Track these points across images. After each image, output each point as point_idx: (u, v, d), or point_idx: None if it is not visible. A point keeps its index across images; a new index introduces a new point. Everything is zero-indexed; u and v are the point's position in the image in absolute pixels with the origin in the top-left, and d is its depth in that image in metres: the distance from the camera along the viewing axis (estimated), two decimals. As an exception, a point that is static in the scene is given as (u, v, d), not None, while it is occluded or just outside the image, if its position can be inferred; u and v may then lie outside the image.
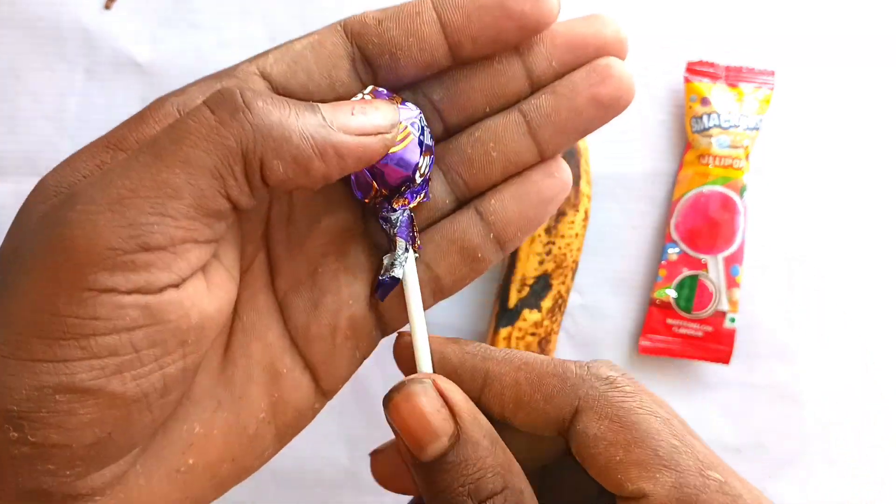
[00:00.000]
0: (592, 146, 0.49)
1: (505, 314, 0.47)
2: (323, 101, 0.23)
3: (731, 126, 0.48)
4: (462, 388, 0.23)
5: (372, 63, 0.24)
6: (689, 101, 0.49)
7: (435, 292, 0.27)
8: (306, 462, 0.50)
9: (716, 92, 0.49)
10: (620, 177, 0.50)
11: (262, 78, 0.23)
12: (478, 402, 0.24)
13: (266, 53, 0.24)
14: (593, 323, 0.50)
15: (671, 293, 0.49)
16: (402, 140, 0.24)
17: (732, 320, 0.48)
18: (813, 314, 0.49)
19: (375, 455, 0.27)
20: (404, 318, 0.26)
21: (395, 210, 0.25)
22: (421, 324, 0.25)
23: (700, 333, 0.49)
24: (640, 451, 0.22)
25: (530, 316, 0.47)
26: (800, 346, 0.49)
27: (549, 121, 0.25)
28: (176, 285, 0.21)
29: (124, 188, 0.19)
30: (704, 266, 0.48)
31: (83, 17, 0.49)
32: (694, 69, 0.49)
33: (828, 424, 0.49)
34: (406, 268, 0.25)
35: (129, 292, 0.20)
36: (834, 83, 0.50)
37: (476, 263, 0.26)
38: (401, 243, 0.25)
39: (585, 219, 0.48)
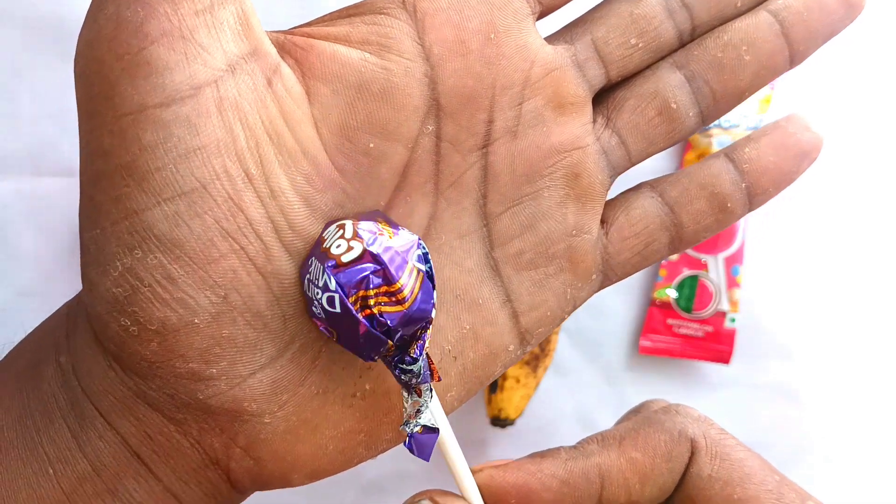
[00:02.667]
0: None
1: (505, 314, 0.47)
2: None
3: (731, 126, 0.48)
4: (579, 496, 0.22)
5: None
6: (689, 101, 0.49)
7: (673, 240, 0.25)
8: (306, 461, 0.50)
9: (716, 92, 0.49)
10: (620, 177, 0.50)
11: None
12: (600, 500, 0.23)
13: None
14: (593, 323, 0.50)
15: (671, 293, 0.49)
16: (414, 287, 0.20)
17: (733, 320, 0.48)
18: (813, 314, 0.49)
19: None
20: (638, 264, 0.25)
21: (415, 360, 0.20)
22: (464, 465, 0.23)
23: (700, 333, 0.49)
24: (753, 488, 0.22)
25: (530, 315, 0.47)
26: (800, 346, 0.49)
27: (801, 19, 0.24)
28: None
29: None
30: (705, 266, 0.48)
31: (84, 17, 0.50)
32: (694, 69, 0.49)
33: (828, 424, 0.49)
34: (432, 407, 0.21)
35: None
36: (834, 83, 0.50)
37: (723, 214, 0.25)
38: (426, 389, 0.21)
39: (586, 219, 0.48)
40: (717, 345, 0.48)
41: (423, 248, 0.21)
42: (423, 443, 0.21)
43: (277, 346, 0.21)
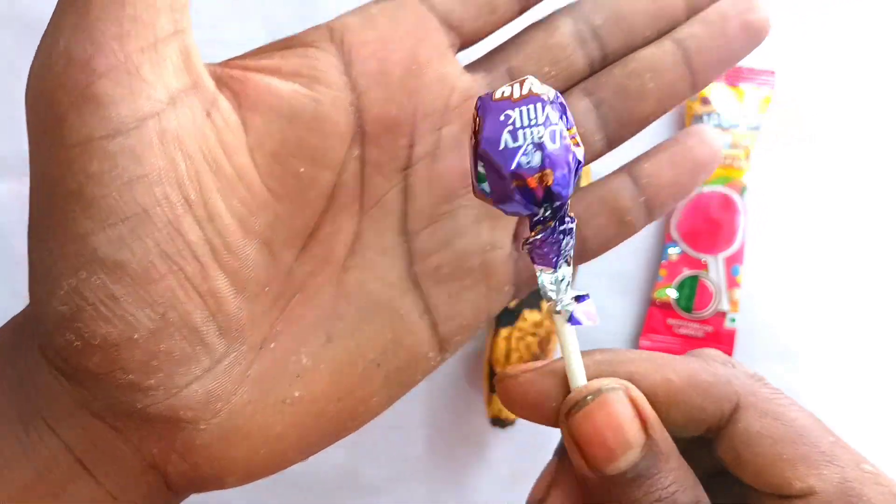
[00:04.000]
0: (592, 146, 0.49)
1: (505, 314, 0.47)
2: (478, 30, 0.24)
3: (731, 126, 0.48)
4: None
5: None
6: (689, 100, 0.49)
7: (580, 254, 0.26)
8: (306, 462, 0.50)
9: (716, 92, 0.49)
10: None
11: (430, 10, 0.24)
12: None
13: None
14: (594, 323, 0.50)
15: (672, 293, 0.49)
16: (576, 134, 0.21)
17: (733, 320, 0.48)
18: (813, 314, 0.49)
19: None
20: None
21: (572, 219, 0.22)
22: (576, 351, 0.22)
23: (700, 334, 0.49)
24: (806, 448, 0.21)
25: (530, 316, 0.47)
26: (800, 346, 0.49)
27: (703, 48, 0.25)
28: None
29: None
30: (705, 266, 0.48)
31: (83, 17, 0.49)
32: (694, 69, 0.49)
33: (828, 424, 0.49)
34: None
35: None
36: (834, 83, 0.50)
37: (624, 227, 0.26)
38: (561, 265, 0.22)
39: (585, 219, 0.48)
40: (717, 345, 0.48)
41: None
42: (585, 310, 0.22)
43: (212, 359, 0.22)
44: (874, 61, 0.50)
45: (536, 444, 0.51)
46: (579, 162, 0.22)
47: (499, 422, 0.48)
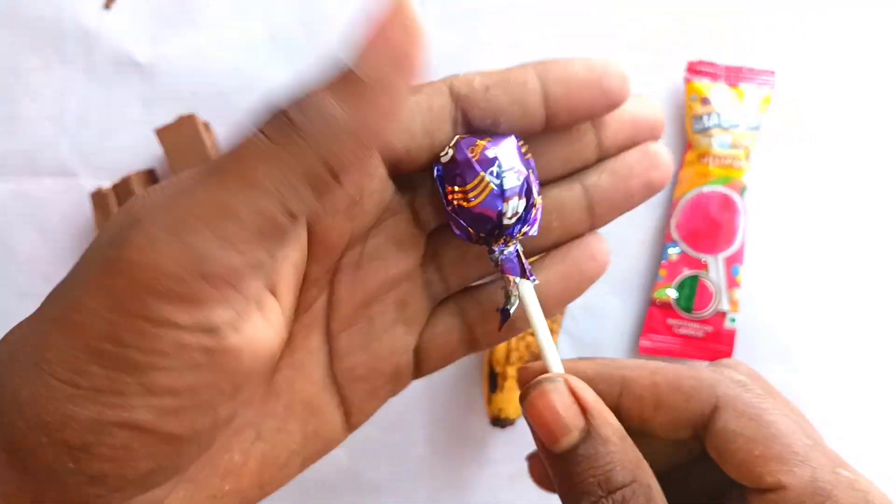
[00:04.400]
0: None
1: (506, 315, 0.47)
2: (419, 157, 0.25)
3: (731, 126, 0.48)
4: (600, 396, 0.25)
5: (472, 124, 0.25)
6: (689, 100, 0.49)
7: (468, 343, 0.29)
8: (306, 462, 0.50)
9: (716, 92, 0.49)
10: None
11: None
12: (615, 410, 0.25)
13: None
14: (594, 323, 0.50)
15: (672, 293, 0.49)
16: (480, 193, 0.25)
17: (733, 320, 0.48)
18: (813, 314, 0.49)
19: (531, 458, 0.30)
20: (439, 367, 0.29)
21: (493, 251, 0.26)
22: (545, 332, 0.26)
23: (700, 334, 0.49)
24: (779, 447, 0.23)
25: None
26: (800, 345, 0.49)
27: (607, 198, 0.27)
28: (236, 327, 0.21)
29: (186, 210, 0.19)
30: (705, 266, 0.48)
31: (83, 17, 0.49)
32: (694, 69, 0.49)
33: (827, 424, 0.49)
34: (522, 290, 0.26)
35: (191, 330, 0.20)
36: (834, 83, 0.50)
37: (510, 332, 0.28)
38: (508, 279, 0.26)
39: (585, 219, 0.48)
40: (717, 345, 0.48)
41: (504, 163, 0.25)
42: (506, 316, 0.26)
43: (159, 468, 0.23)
44: (874, 61, 0.50)
45: (536, 444, 0.51)
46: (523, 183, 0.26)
47: (499, 422, 0.48)
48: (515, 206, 0.25)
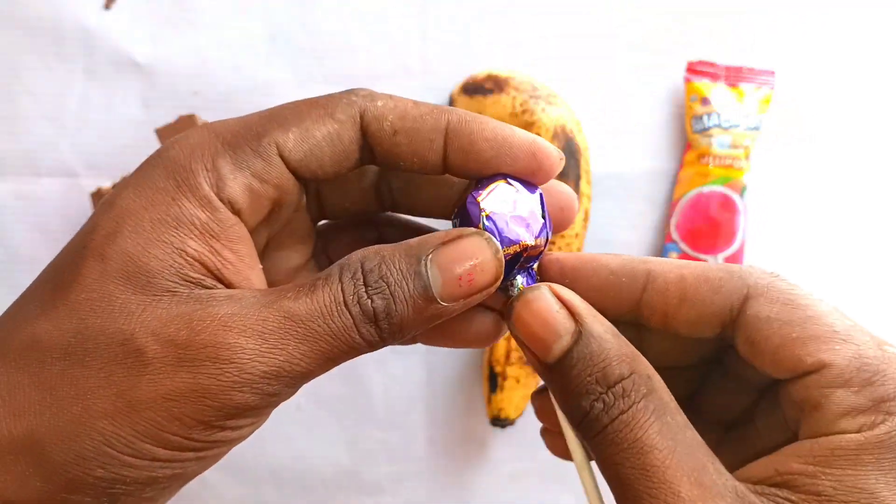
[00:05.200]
0: (592, 146, 0.49)
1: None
2: (319, 181, 0.25)
3: (731, 126, 0.48)
4: (621, 290, 0.25)
5: (377, 159, 0.25)
6: (689, 101, 0.49)
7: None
8: (306, 461, 0.50)
9: (716, 92, 0.49)
10: (620, 177, 0.50)
11: (281, 158, 0.24)
12: (638, 303, 0.25)
13: (285, 128, 0.24)
14: (593, 323, 0.50)
15: (671, 293, 0.49)
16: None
17: (732, 320, 0.48)
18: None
19: (534, 396, 0.28)
20: None
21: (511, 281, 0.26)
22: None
23: (700, 333, 0.49)
24: (817, 328, 0.22)
25: (530, 316, 0.47)
26: (800, 346, 0.49)
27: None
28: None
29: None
30: (704, 266, 0.49)
31: (83, 17, 0.49)
32: (694, 69, 0.49)
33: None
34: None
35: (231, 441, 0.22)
36: (834, 83, 0.50)
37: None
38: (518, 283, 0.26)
39: (585, 219, 0.48)
40: (717, 345, 0.48)
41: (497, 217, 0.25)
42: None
43: None
44: (874, 61, 0.50)
45: (536, 443, 0.51)
46: (543, 232, 0.26)
47: (499, 421, 0.48)
48: (527, 238, 0.25)
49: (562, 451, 0.28)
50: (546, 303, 0.23)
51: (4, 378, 0.21)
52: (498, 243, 0.24)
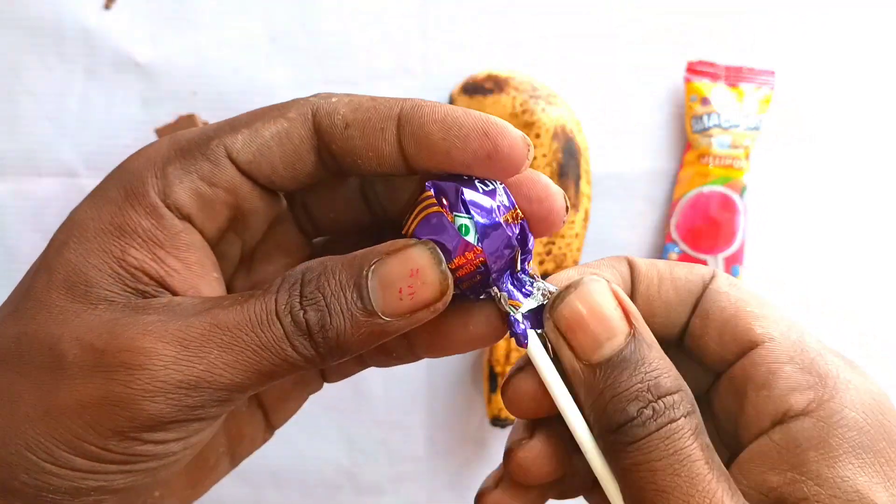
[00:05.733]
0: (592, 146, 0.49)
1: (505, 314, 0.47)
2: (283, 189, 0.24)
3: (731, 126, 0.48)
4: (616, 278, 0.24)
5: (336, 159, 0.24)
6: (689, 101, 0.49)
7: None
8: (306, 462, 0.50)
9: (716, 92, 0.49)
10: (620, 177, 0.50)
11: (230, 161, 0.23)
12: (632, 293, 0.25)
13: (236, 130, 0.23)
14: (593, 323, 0.50)
15: (671, 293, 0.49)
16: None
17: (732, 320, 0.48)
18: (813, 314, 0.49)
19: (510, 381, 0.25)
20: (344, 370, 0.29)
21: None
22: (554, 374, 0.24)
23: (700, 333, 0.49)
24: (769, 310, 0.24)
25: (530, 316, 0.47)
26: (800, 346, 0.49)
27: None
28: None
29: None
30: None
31: (83, 17, 0.49)
32: (694, 69, 0.49)
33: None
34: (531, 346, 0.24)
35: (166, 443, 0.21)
36: (834, 83, 0.50)
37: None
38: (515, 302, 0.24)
39: (585, 219, 0.48)
40: (717, 345, 0.48)
41: (476, 225, 0.23)
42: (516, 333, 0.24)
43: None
44: (874, 61, 0.50)
45: (536, 444, 0.51)
46: (510, 238, 0.24)
47: (499, 422, 0.48)
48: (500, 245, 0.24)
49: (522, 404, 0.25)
50: (606, 297, 0.22)
51: None
52: (440, 255, 0.22)
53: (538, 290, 0.24)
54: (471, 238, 0.22)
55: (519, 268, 0.24)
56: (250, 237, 0.26)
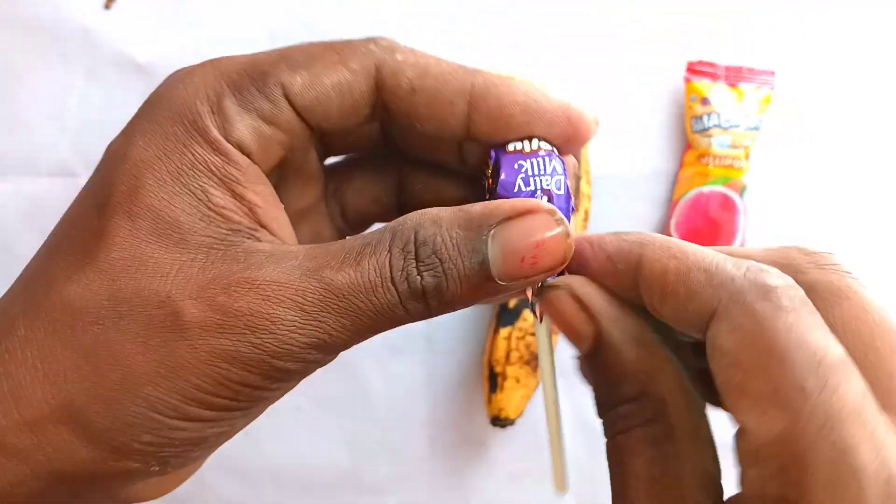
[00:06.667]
0: (592, 146, 0.49)
1: (505, 314, 0.47)
2: (330, 132, 0.24)
3: (731, 126, 0.48)
4: (619, 277, 0.22)
5: (391, 116, 0.24)
6: (689, 101, 0.49)
7: None
8: (306, 462, 0.50)
9: (716, 92, 0.49)
10: (620, 177, 0.50)
11: (287, 99, 0.23)
12: (634, 289, 0.22)
13: (294, 69, 0.23)
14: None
15: (671, 293, 0.49)
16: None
17: (732, 320, 0.48)
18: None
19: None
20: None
21: None
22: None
23: (700, 333, 0.49)
24: (760, 383, 0.18)
25: (530, 316, 0.47)
26: (800, 346, 0.49)
27: None
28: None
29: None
30: (704, 266, 0.48)
31: (83, 17, 0.49)
32: (694, 69, 0.49)
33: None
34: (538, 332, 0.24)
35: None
36: (834, 83, 0.50)
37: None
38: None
39: (585, 219, 0.48)
40: (717, 345, 0.48)
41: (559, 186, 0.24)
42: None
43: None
44: (874, 61, 0.50)
45: (536, 443, 0.51)
46: (573, 207, 0.24)
47: (499, 421, 0.48)
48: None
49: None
50: (564, 306, 0.22)
51: (37, 344, 0.20)
52: (568, 224, 0.22)
53: None
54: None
55: None
56: (289, 172, 0.26)
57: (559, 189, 0.23)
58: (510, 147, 0.23)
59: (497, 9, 0.50)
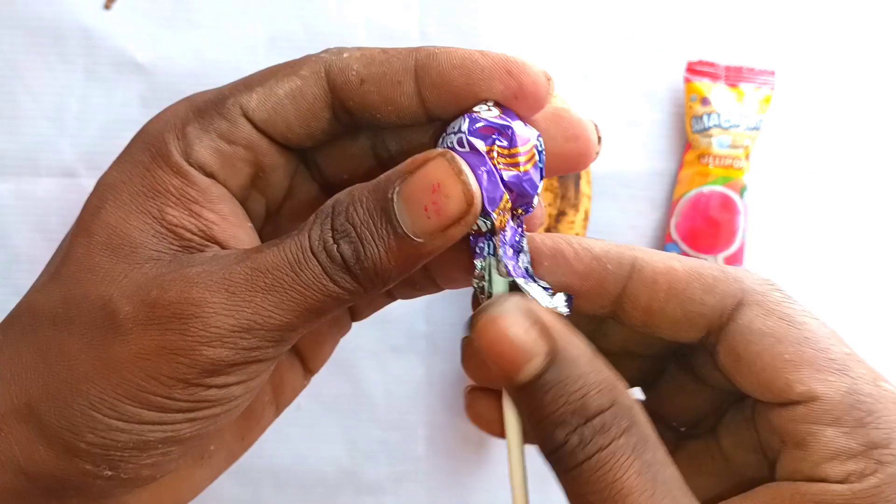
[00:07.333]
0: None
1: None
2: (301, 145, 0.24)
3: (731, 126, 0.48)
4: (605, 279, 0.22)
5: (352, 114, 0.24)
6: (689, 101, 0.49)
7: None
8: (306, 462, 0.50)
9: (716, 92, 0.49)
10: (620, 177, 0.50)
11: (246, 119, 0.23)
12: (618, 300, 0.23)
13: (250, 88, 0.23)
14: (593, 323, 0.50)
15: (671, 293, 0.49)
16: (528, 161, 0.22)
17: (732, 320, 0.48)
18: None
19: (469, 393, 0.26)
20: (371, 305, 0.29)
21: (522, 236, 0.23)
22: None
23: (700, 333, 0.49)
24: (812, 352, 0.20)
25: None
26: (800, 346, 0.49)
27: None
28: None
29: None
30: (704, 266, 0.49)
31: (83, 17, 0.49)
32: (694, 69, 0.49)
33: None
34: (494, 282, 0.23)
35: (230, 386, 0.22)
36: (834, 83, 0.50)
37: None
38: (502, 266, 0.23)
39: (585, 219, 0.48)
40: (717, 345, 0.48)
41: (542, 145, 0.23)
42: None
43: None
44: (875, 61, 0.50)
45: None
46: (504, 180, 0.22)
47: (499, 422, 0.48)
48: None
49: (482, 418, 0.26)
50: (516, 320, 0.20)
51: (8, 347, 0.22)
52: (460, 164, 0.21)
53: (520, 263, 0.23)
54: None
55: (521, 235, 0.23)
56: (273, 194, 0.26)
57: (481, 183, 0.22)
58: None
59: (496, 8, 0.50)
